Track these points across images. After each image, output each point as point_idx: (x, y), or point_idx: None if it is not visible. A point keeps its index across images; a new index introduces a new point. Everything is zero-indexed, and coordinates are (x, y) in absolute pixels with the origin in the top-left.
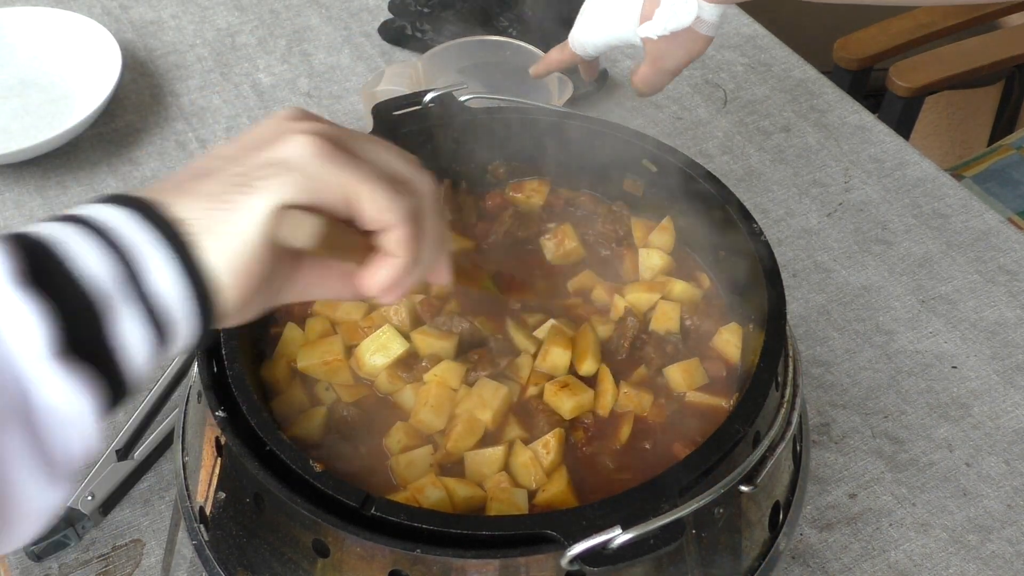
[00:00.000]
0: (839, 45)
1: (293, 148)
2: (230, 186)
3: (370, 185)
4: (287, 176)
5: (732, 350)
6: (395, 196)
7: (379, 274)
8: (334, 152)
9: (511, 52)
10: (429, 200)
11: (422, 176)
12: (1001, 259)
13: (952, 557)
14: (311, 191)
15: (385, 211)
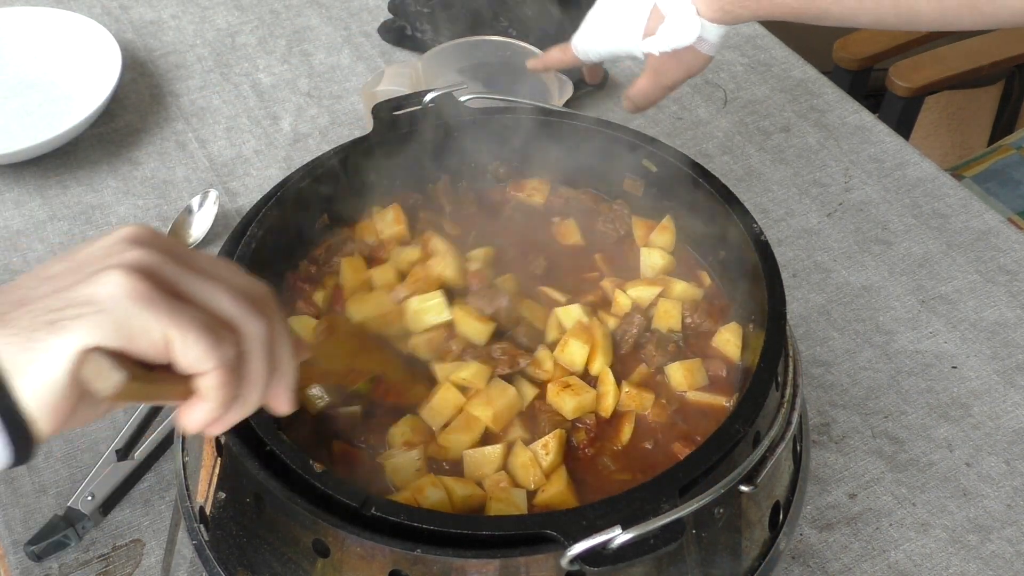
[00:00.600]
0: (839, 45)
1: (107, 287)
2: (41, 322)
3: (184, 333)
4: (96, 318)
5: (732, 349)
6: (211, 344)
7: (195, 414)
8: (150, 294)
9: (511, 52)
10: (257, 345)
11: (253, 319)
12: (1001, 259)
13: (952, 557)
14: (120, 336)
15: (198, 359)
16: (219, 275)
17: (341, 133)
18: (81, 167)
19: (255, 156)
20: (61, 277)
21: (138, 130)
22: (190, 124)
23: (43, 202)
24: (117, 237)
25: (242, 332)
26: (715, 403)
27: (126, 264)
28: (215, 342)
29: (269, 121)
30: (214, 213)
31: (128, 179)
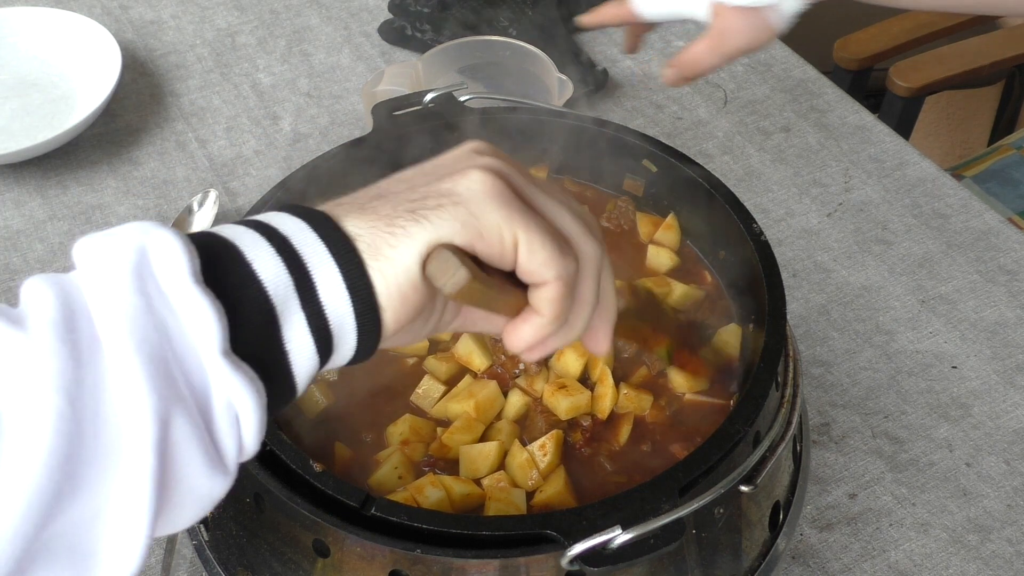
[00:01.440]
0: (839, 45)
1: (468, 182)
2: (402, 211)
3: (533, 235)
4: (454, 209)
5: (730, 351)
6: (556, 253)
7: (523, 330)
8: (506, 194)
9: (511, 52)
10: (591, 267)
11: (591, 241)
12: (1001, 259)
13: (952, 557)
14: (474, 232)
15: (542, 265)
16: (559, 196)
17: (341, 133)
18: (81, 167)
19: (255, 156)
20: (419, 176)
21: (138, 130)
22: (190, 124)
23: (43, 202)
24: (466, 149)
25: (580, 250)
26: (715, 405)
27: (484, 165)
28: (560, 252)
29: (269, 121)
30: (214, 213)
31: (128, 179)
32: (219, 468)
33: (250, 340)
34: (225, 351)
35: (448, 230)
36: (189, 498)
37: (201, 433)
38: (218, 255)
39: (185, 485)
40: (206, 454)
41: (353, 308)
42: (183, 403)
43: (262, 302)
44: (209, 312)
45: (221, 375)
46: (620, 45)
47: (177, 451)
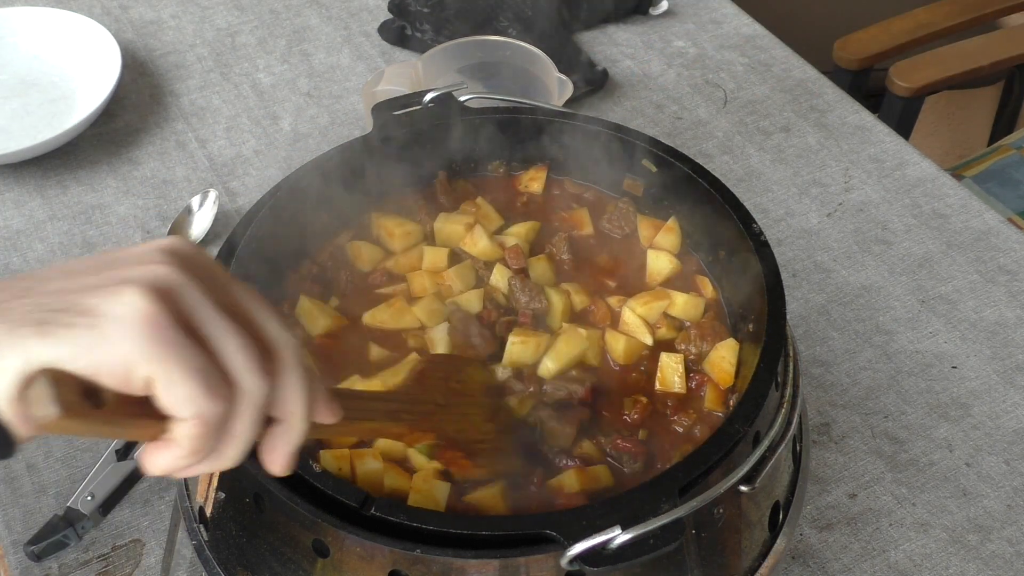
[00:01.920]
0: (839, 45)
1: (118, 305)
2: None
3: (174, 373)
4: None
5: (727, 367)
6: (197, 393)
7: (159, 458)
8: (156, 326)
9: (511, 52)
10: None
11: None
12: (1001, 259)
13: (952, 557)
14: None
15: (178, 404)
16: (245, 314)
17: (341, 133)
18: (81, 167)
19: (255, 156)
20: (83, 274)
21: (138, 130)
22: (190, 124)
23: (43, 202)
24: (156, 246)
25: (239, 387)
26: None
27: (149, 281)
28: (205, 392)
29: (269, 121)
30: (214, 213)
31: (128, 179)
32: None
33: None
34: None
35: (66, 354)
36: None
37: None
38: None
39: None
40: None
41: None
42: None
43: None
44: None
45: None
46: (620, 45)
47: None
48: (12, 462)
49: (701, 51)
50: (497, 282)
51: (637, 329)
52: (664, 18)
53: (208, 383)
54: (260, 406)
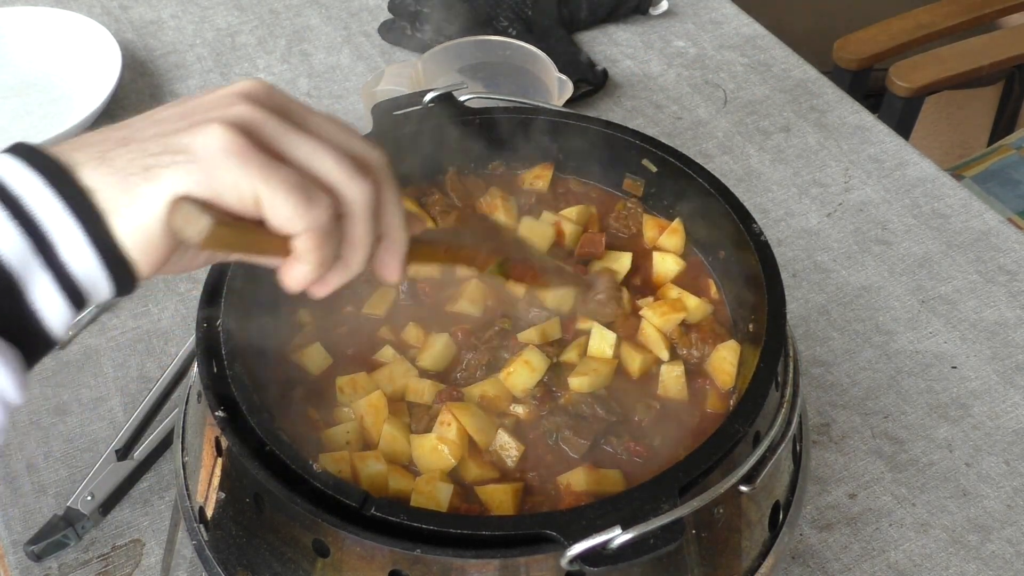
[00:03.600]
0: (839, 45)
1: (205, 138)
2: (138, 167)
3: (273, 192)
4: (187, 167)
5: (728, 368)
6: (301, 207)
7: (293, 273)
8: (244, 150)
9: (511, 52)
10: (360, 209)
11: (356, 183)
12: (1001, 259)
13: (952, 557)
14: (208, 189)
15: (287, 220)
16: (329, 135)
17: None
18: None
19: None
20: (168, 121)
21: None
22: None
23: None
24: (232, 89)
25: (342, 195)
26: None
27: (228, 118)
28: (306, 203)
29: None
30: None
31: None
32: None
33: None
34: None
35: (186, 185)
36: None
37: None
38: None
39: None
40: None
41: (101, 263)
42: None
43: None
44: None
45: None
46: (620, 45)
47: None
48: (12, 462)
49: (701, 51)
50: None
51: (655, 344)
52: (664, 18)
53: (308, 196)
54: (371, 207)
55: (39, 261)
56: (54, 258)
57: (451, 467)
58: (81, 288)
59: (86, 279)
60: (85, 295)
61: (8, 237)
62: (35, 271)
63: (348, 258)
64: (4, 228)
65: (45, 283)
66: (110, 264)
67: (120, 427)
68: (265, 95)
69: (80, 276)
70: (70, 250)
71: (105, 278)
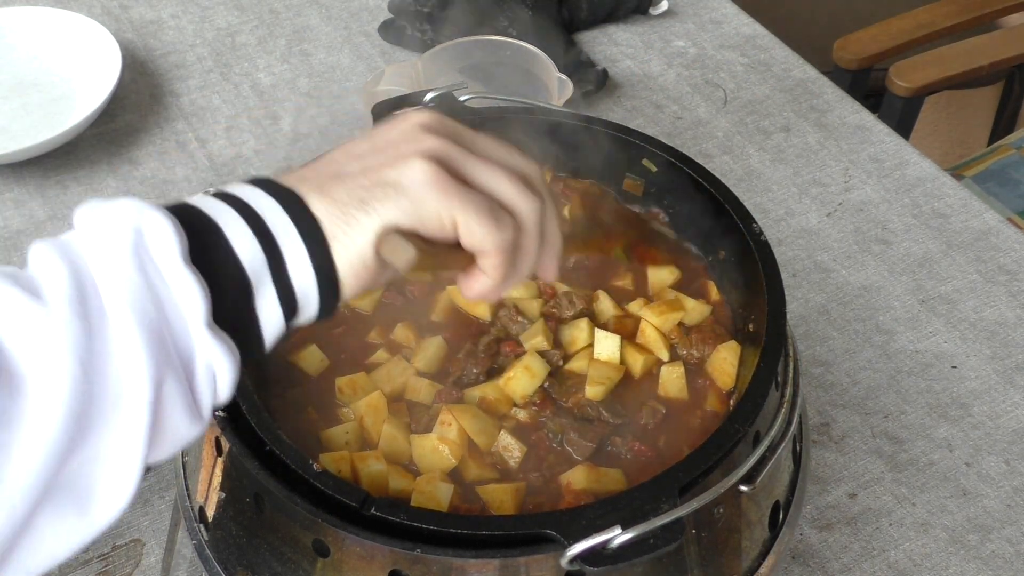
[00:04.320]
0: (839, 45)
1: (412, 173)
2: (355, 199)
3: (470, 216)
4: (398, 201)
5: (728, 368)
6: (492, 228)
7: (474, 286)
8: (443, 181)
9: (511, 52)
10: (531, 223)
11: (528, 200)
12: (1001, 259)
13: (952, 557)
14: (415, 218)
15: (481, 241)
16: (498, 157)
17: (341, 133)
18: (81, 167)
19: (255, 156)
20: (368, 156)
21: (138, 130)
22: (190, 124)
23: (43, 202)
24: (413, 123)
25: (519, 213)
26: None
27: (424, 152)
28: (496, 225)
29: (269, 121)
30: None
31: (128, 179)
32: (197, 418)
33: (228, 310)
34: (208, 323)
35: (393, 218)
36: (170, 440)
37: (185, 391)
38: (202, 232)
39: (169, 432)
40: (188, 408)
41: (317, 283)
42: (173, 368)
43: (239, 278)
44: (196, 290)
45: (204, 344)
46: (620, 45)
47: (166, 407)
48: None
49: (701, 51)
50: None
51: (655, 344)
52: (664, 18)
53: (496, 218)
54: (540, 221)
55: (270, 273)
56: (282, 272)
57: (451, 467)
58: (297, 302)
59: (302, 295)
60: (298, 310)
61: (251, 247)
62: (265, 281)
63: (520, 266)
64: (249, 240)
65: (271, 293)
66: (323, 283)
67: None
68: (440, 125)
69: (299, 291)
70: (296, 266)
71: (316, 296)
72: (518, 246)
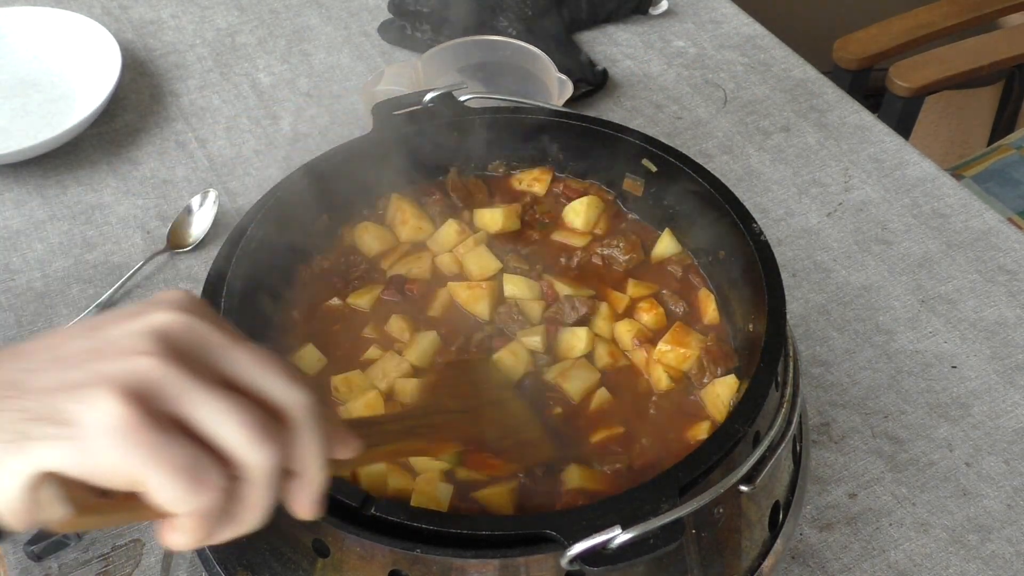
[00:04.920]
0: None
1: (94, 412)
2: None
3: (157, 475)
4: (65, 444)
5: (717, 406)
6: (188, 490)
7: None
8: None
9: (511, 52)
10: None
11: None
12: (1001, 259)
13: (952, 557)
14: (83, 469)
15: (169, 503)
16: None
17: (341, 133)
18: (81, 167)
19: (255, 156)
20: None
21: (138, 130)
22: (190, 124)
23: (43, 202)
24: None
25: (242, 464)
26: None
27: (127, 382)
28: (193, 487)
29: (269, 121)
30: (214, 213)
31: (128, 179)
32: None
33: None
34: None
35: (52, 465)
36: None
37: None
38: None
39: None
40: None
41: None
42: None
43: None
44: None
45: None
46: (620, 45)
47: None
48: None
49: (701, 51)
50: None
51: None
52: (664, 18)
53: (196, 478)
54: (271, 474)
55: None
56: None
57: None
58: None
59: None
60: None
61: None
62: None
63: (240, 517)
64: None
65: None
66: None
67: None
68: (184, 333)
69: None
70: None
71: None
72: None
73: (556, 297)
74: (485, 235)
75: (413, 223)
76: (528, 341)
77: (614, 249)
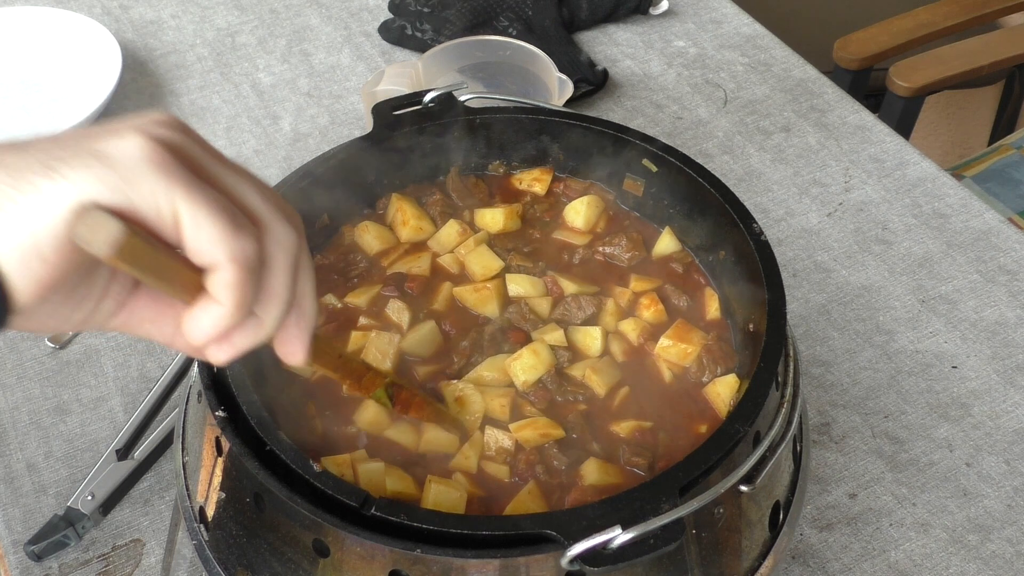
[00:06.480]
0: (839, 45)
1: (123, 144)
2: (37, 165)
3: (199, 208)
4: (100, 171)
5: (720, 403)
6: (229, 230)
7: (202, 320)
8: (167, 162)
9: (511, 52)
10: (283, 255)
11: (284, 225)
12: (1001, 259)
13: (952, 557)
14: (123, 195)
15: (211, 243)
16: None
17: (341, 133)
18: None
19: (255, 156)
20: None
21: None
22: (190, 124)
23: None
24: (146, 116)
25: (268, 230)
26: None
27: (149, 132)
28: (233, 228)
29: (269, 121)
30: None
31: None
32: None
33: None
34: None
35: (92, 191)
36: None
37: None
38: None
39: None
40: None
41: None
42: None
43: None
44: None
45: None
46: (620, 45)
47: None
48: (12, 462)
49: (701, 51)
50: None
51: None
52: (664, 18)
53: (235, 220)
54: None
55: None
56: None
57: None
58: None
59: None
60: None
61: None
62: None
63: (262, 313)
64: None
65: None
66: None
67: (120, 427)
68: (183, 127)
69: None
70: None
71: None
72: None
73: (561, 294)
74: (486, 235)
75: (413, 223)
76: (551, 338)
77: (616, 247)
